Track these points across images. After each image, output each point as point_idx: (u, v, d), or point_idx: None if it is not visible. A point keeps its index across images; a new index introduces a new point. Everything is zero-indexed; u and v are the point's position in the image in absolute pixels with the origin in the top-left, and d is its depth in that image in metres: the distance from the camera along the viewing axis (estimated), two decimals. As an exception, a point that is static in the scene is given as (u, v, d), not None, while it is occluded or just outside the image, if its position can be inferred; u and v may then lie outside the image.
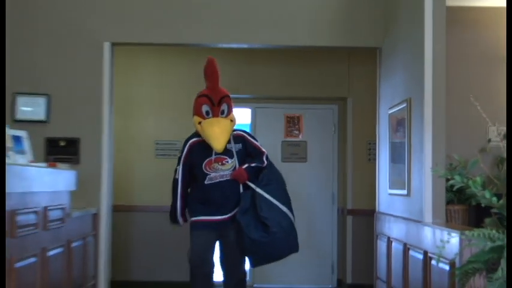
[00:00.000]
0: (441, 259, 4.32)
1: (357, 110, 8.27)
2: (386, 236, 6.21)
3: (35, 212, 4.45)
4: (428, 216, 4.99)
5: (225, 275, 5.33)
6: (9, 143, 4.93)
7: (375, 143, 7.00)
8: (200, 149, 5.18)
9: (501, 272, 2.14)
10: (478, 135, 5.36)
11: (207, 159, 5.13)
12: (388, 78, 6.47)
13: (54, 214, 4.89)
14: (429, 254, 4.76)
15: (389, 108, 6.28)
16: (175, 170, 5.32)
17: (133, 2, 6.49)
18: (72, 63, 6.47)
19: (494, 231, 2.27)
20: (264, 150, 5.37)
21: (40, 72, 6.46)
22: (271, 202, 5.07)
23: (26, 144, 5.17)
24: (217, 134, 5.06)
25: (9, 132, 4.99)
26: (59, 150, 6.34)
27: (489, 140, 5.38)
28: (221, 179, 5.13)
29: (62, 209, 5.12)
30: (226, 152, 5.15)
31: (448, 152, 4.91)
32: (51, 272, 4.77)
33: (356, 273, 8.13)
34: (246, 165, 5.17)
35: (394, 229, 5.98)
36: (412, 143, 5.48)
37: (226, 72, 8.11)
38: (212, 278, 5.29)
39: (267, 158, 5.34)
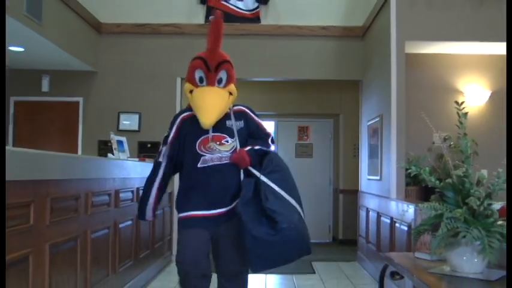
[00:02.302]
0: (402, 223, 4.35)
1: (346, 122, 8.23)
2: (366, 207, 6.20)
3: (131, 191, 4.54)
4: (393, 194, 4.98)
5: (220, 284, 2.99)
6: (114, 145, 5.03)
7: (358, 145, 6.98)
8: (194, 126, 2.92)
9: (441, 231, 2.15)
10: (426, 139, 5.32)
11: (203, 137, 2.88)
12: (367, 101, 6.45)
13: (144, 192, 4.97)
14: (394, 219, 4.76)
15: (368, 121, 6.26)
16: (159, 151, 3.06)
17: (193, 50, 6.57)
18: (156, 91, 6.54)
19: (437, 204, 2.27)
20: (269, 131, 3.13)
21: (135, 97, 6.56)
22: (279, 193, 2.82)
23: (126, 146, 5.25)
24: (208, 105, 2.85)
25: (115, 138, 5.09)
26: (147, 150, 6.40)
27: (433, 143, 5.34)
28: (219, 162, 2.85)
29: (149, 188, 5.21)
30: (226, 130, 2.91)
31: (407, 151, 4.87)
32: (141, 230, 4.85)
33: (345, 232, 8.11)
34: (248, 147, 2.90)
35: (371, 203, 5.96)
36: (383, 145, 5.46)
37: (258, 97, 8.22)
38: (207, 285, 2.88)
39: (272, 142, 3.09)
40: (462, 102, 2.32)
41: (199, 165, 2.87)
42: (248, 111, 3.07)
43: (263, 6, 6.61)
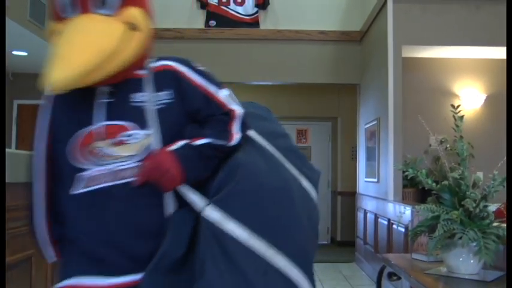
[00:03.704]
0: (399, 224, 4.35)
1: (344, 125, 8.23)
2: (363, 209, 6.20)
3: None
4: (390, 196, 4.97)
5: None
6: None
7: (356, 147, 6.97)
8: (68, 108, 1.24)
9: (437, 232, 2.14)
10: (423, 142, 5.32)
11: (82, 132, 1.18)
12: (364, 104, 6.45)
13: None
14: (391, 221, 4.75)
15: (366, 124, 6.26)
16: None
17: (193, 54, 6.57)
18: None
19: (433, 206, 2.27)
20: (233, 106, 1.32)
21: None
22: (247, 249, 1.11)
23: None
24: (74, 46, 1.08)
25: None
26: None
27: (430, 145, 5.34)
28: (113, 183, 1.13)
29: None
30: (132, 111, 1.17)
31: (404, 153, 4.88)
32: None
33: (343, 233, 8.10)
34: (179, 144, 1.17)
35: (368, 204, 5.95)
36: (380, 147, 5.46)
37: (257, 100, 8.18)
38: None
39: (244, 128, 1.30)
40: (458, 106, 2.32)
41: (73, 189, 1.26)
42: (181, 68, 1.39)
43: (262, 11, 6.62)
